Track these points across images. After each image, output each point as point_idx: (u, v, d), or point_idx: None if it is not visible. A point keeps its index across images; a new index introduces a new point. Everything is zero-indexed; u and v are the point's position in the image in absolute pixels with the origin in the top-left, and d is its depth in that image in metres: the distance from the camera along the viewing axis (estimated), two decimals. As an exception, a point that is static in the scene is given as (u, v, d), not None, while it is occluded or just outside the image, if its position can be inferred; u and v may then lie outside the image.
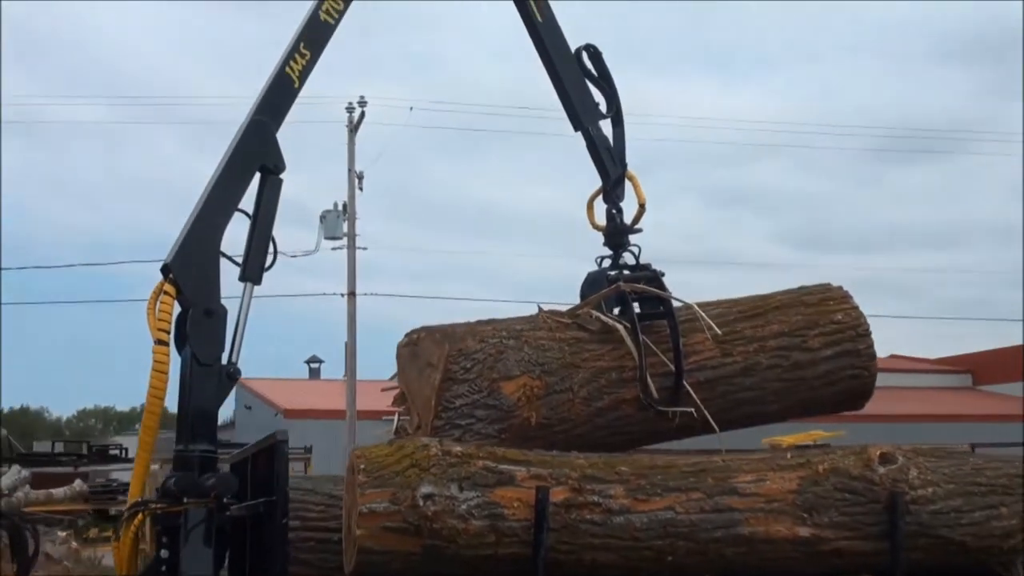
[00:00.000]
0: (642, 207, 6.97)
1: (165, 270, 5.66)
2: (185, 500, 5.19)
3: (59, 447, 32.86)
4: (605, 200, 7.05)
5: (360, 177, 32.94)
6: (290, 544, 5.25)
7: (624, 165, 7.08)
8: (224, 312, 5.72)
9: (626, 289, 6.56)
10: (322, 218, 32.30)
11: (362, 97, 33.29)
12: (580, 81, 7.08)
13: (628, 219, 7.07)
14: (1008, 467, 6.08)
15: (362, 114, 33.25)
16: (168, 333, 5.58)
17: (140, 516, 5.39)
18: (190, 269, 5.65)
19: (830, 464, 5.78)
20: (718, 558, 5.56)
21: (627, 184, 7.10)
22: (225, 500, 5.29)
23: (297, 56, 6.13)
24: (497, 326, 6.44)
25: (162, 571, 5.35)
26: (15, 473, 9.67)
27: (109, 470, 26.89)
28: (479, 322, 6.45)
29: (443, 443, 5.40)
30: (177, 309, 5.67)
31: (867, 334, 6.84)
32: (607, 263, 7.02)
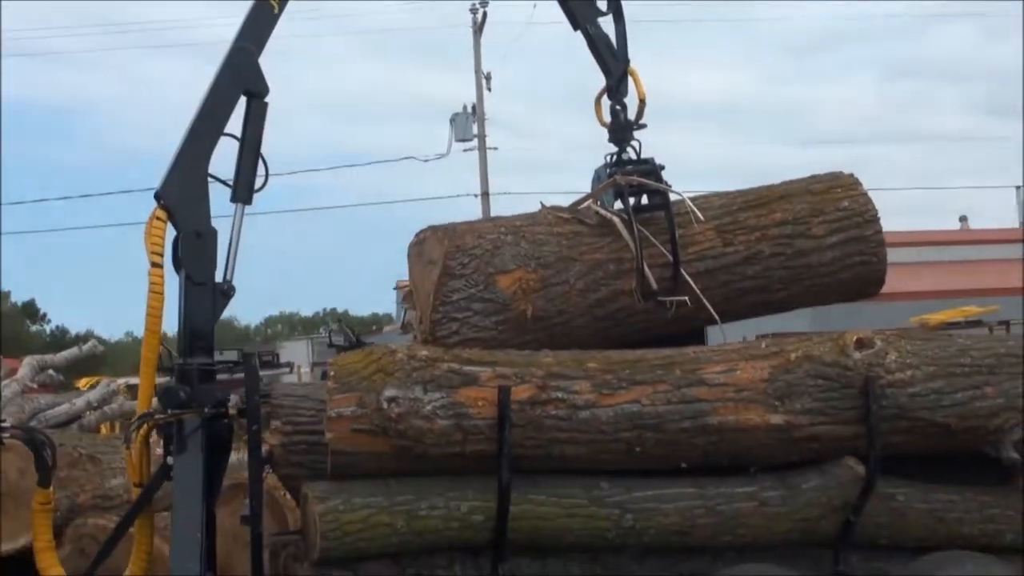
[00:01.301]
0: (643, 102, 7.00)
1: (157, 196, 6.02)
2: (169, 411, 5.61)
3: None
4: (609, 97, 7.10)
5: (488, 77, 33.08)
6: (267, 454, 5.63)
7: (627, 61, 7.10)
8: (214, 233, 6.06)
9: (622, 182, 6.64)
10: (452, 120, 32.60)
11: (483, -5, 33.30)
12: None
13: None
14: (999, 346, 6.03)
15: (484, 14, 33.28)
16: (162, 256, 5.97)
17: (145, 426, 5.84)
18: (179, 194, 6.00)
19: (804, 351, 5.84)
20: (690, 448, 5.71)
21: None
22: (207, 410, 5.65)
23: None
24: (497, 222, 6.64)
25: (168, 477, 5.82)
26: (104, 387, 10.32)
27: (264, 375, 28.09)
28: (482, 219, 6.65)
29: (411, 348, 5.67)
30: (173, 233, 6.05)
31: (875, 220, 6.76)
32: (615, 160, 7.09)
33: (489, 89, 33.38)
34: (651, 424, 5.63)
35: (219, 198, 6.26)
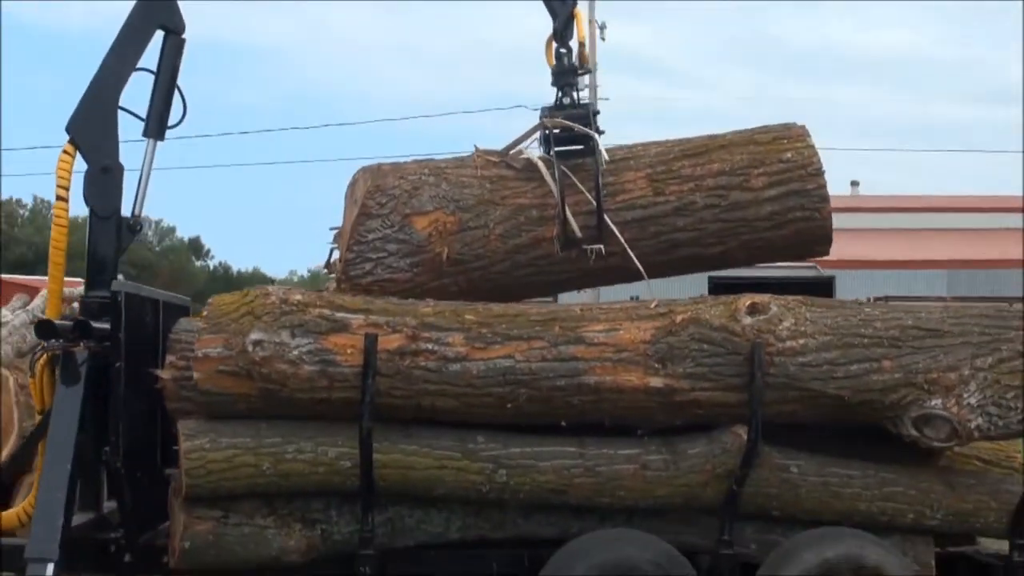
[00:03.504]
0: (582, 45, 6.82)
1: (67, 130, 6.11)
2: (47, 342, 5.73)
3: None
4: (555, 39, 6.92)
5: (602, 28, 32.53)
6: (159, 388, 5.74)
7: (573, 3, 6.91)
8: (121, 168, 6.12)
9: (548, 125, 6.49)
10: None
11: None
12: None
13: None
14: (908, 317, 5.76)
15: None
16: (67, 190, 6.05)
17: (45, 356, 5.98)
18: (87, 129, 6.07)
19: (692, 314, 5.67)
20: (565, 406, 5.62)
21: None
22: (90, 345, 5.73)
23: None
24: (423, 164, 6.57)
25: None
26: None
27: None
28: (411, 161, 6.60)
29: (287, 291, 5.67)
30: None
31: (818, 174, 6.45)
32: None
33: (603, 39, 32.86)
34: (524, 380, 5.54)
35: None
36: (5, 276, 25.36)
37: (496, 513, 5.83)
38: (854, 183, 45.54)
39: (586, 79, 6.88)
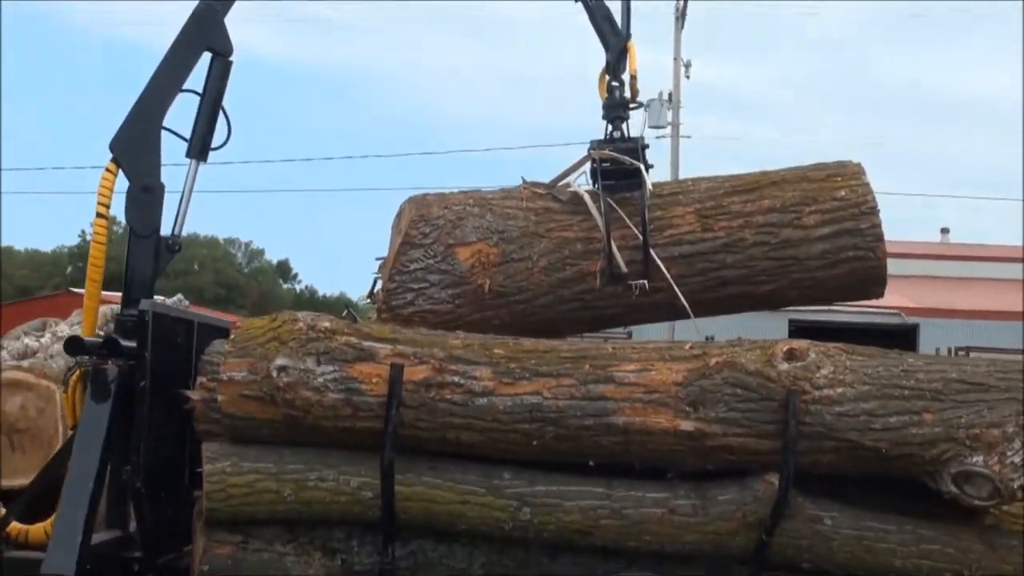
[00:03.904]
0: (634, 78, 6.74)
1: (111, 148, 6.15)
2: (76, 360, 5.74)
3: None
4: (608, 72, 6.86)
5: (687, 66, 32.63)
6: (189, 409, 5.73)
7: (627, 35, 6.83)
8: (162, 188, 6.15)
9: (595, 157, 6.41)
10: (646, 106, 32.35)
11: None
12: None
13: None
14: (952, 370, 5.55)
15: (685, 2, 32.86)
16: (107, 208, 6.10)
17: (78, 371, 6.01)
18: (130, 148, 6.11)
19: (727, 357, 5.52)
20: (593, 446, 5.50)
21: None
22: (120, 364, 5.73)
23: None
24: (468, 194, 6.53)
25: None
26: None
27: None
28: (458, 192, 6.57)
29: (315, 318, 5.63)
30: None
31: (872, 212, 6.29)
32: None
33: (687, 77, 33.08)
34: (551, 418, 5.44)
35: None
36: (76, 290, 25.84)
37: (521, 552, 5.72)
38: (944, 230, 44.89)
39: (640, 112, 6.79)
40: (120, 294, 6.14)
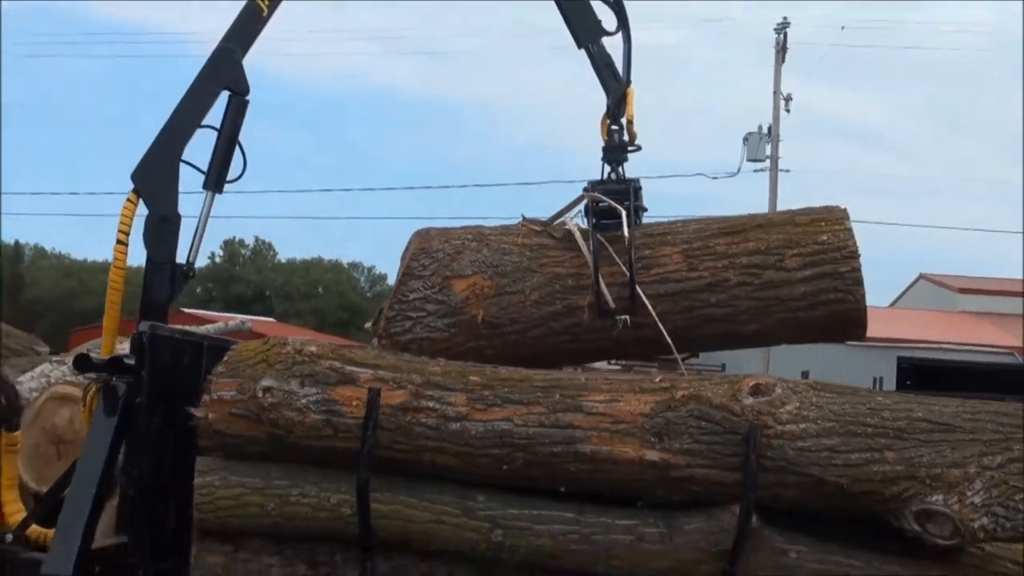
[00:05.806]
0: (630, 122, 6.96)
1: (132, 179, 6.58)
2: (85, 375, 6.14)
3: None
4: (608, 117, 7.10)
5: (787, 99, 32.62)
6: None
7: (627, 81, 7.07)
8: (178, 218, 6.55)
9: (587, 198, 6.65)
10: (745, 139, 32.42)
11: (785, 18, 33.08)
12: (581, 1, 7.13)
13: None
14: (919, 409, 5.62)
15: (785, 35, 32.91)
16: (127, 235, 6.51)
17: (94, 388, 6.42)
18: (149, 179, 6.53)
19: (693, 391, 5.68)
20: (564, 472, 5.69)
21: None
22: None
23: None
24: (468, 230, 6.83)
25: None
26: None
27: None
28: (460, 228, 6.86)
29: (303, 343, 5.95)
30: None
31: (852, 256, 6.45)
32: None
33: (788, 111, 33.05)
34: (521, 444, 5.65)
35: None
36: (186, 310, 26.76)
37: (498, 572, 5.93)
38: (1061, 270, 43.78)
39: (638, 154, 7.03)
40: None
